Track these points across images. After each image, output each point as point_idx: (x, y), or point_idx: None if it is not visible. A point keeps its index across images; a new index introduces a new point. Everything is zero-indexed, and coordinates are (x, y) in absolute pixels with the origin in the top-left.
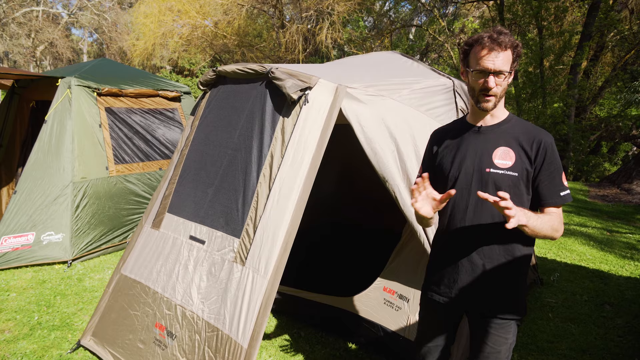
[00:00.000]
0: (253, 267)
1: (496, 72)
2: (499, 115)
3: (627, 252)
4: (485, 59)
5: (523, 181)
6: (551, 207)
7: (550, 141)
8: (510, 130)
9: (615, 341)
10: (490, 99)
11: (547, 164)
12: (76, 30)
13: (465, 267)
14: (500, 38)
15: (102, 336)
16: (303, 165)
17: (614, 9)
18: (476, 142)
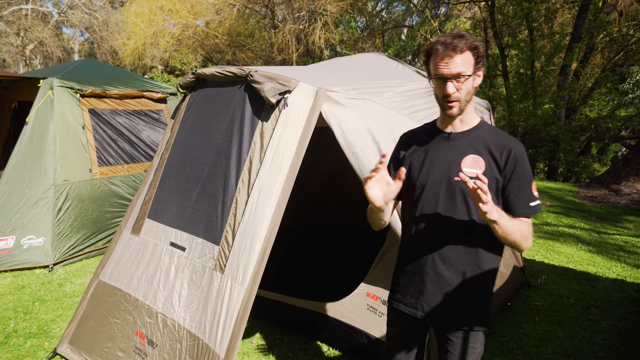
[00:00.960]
0: (231, 275)
1: (454, 76)
2: (470, 122)
3: (615, 254)
4: (440, 65)
5: (492, 190)
6: (521, 218)
7: (521, 150)
8: (480, 137)
9: (601, 344)
10: (454, 105)
11: (517, 173)
12: (67, 29)
13: (432, 278)
14: (454, 42)
15: (80, 344)
16: (282, 170)
17: (603, 11)
18: (445, 149)
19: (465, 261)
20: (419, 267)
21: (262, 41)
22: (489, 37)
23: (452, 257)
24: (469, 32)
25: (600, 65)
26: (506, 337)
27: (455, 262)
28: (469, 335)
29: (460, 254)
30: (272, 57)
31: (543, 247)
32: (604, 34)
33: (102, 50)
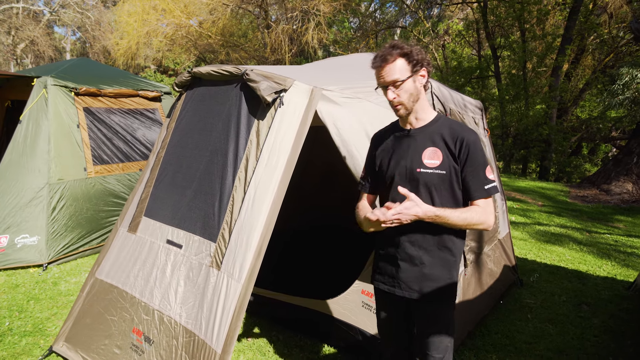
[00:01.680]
0: (228, 271)
1: (390, 84)
2: (425, 118)
3: (605, 253)
4: (377, 77)
5: (452, 178)
6: (478, 200)
7: (473, 139)
8: (437, 130)
9: (592, 341)
10: (399, 108)
11: (471, 160)
12: (59, 29)
13: (403, 258)
14: (384, 54)
15: (76, 342)
16: (278, 168)
17: (594, 13)
18: (407, 144)
19: (430, 242)
20: (392, 249)
21: (255, 41)
22: (482, 38)
23: (420, 239)
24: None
25: (590, 66)
26: (499, 334)
27: (422, 243)
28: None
29: (426, 236)
30: (266, 57)
31: (535, 246)
32: (595, 36)
33: (94, 49)
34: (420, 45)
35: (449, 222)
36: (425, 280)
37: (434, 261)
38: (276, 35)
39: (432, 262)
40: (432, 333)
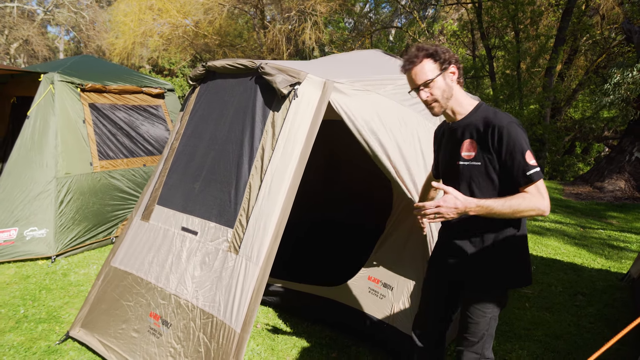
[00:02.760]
0: (246, 255)
1: (421, 85)
2: (462, 112)
3: (599, 247)
4: (409, 81)
5: (489, 168)
6: (524, 187)
7: (505, 124)
8: (473, 122)
9: (587, 327)
10: (433, 106)
11: (506, 146)
12: (52, 28)
13: (456, 244)
14: (411, 57)
15: (93, 327)
16: (293, 157)
17: (586, 14)
18: (450, 138)
19: (483, 231)
20: (448, 240)
21: (252, 41)
22: (476, 39)
23: (473, 229)
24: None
25: (583, 67)
26: (499, 320)
27: (475, 232)
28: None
29: (479, 226)
30: (262, 58)
31: (531, 240)
32: (587, 37)
33: (89, 49)
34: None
35: (494, 211)
36: (474, 266)
37: (485, 248)
38: (273, 35)
39: (482, 249)
40: (474, 318)
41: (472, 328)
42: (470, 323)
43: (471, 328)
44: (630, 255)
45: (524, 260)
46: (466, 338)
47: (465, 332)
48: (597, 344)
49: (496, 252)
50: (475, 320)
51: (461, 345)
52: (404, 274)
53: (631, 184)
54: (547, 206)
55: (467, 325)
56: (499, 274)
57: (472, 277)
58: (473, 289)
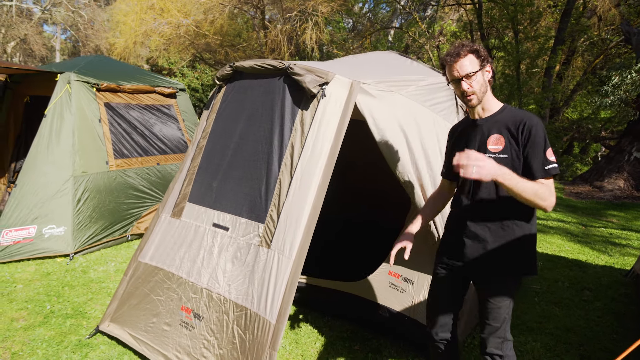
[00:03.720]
0: (278, 249)
1: (464, 76)
2: (491, 109)
3: (602, 244)
4: (452, 71)
5: (515, 161)
6: (540, 180)
7: (535, 122)
8: (501, 119)
9: (596, 321)
10: (472, 98)
11: (532, 141)
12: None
13: (469, 235)
14: (457, 50)
15: (123, 321)
16: (322, 154)
17: (584, 16)
18: (475, 133)
19: (497, 223)
20: (460, 231)
21: (252, 41)
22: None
23: (486, 221)
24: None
25: (581, 67)
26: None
27: (489, 224)
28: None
29: (492, 218)
30: (264, 58)
31: None
32: (585, 38)
33: (86, 49)
34: (416, 45)
35: (517, 186)
36: (488, 255)
37: (497, 240)
38: (275, 35)
39: (495, 241)
40: (490, 304)
41: (494, 314)
42: (492, 309)
43: (493, 314)
44: (632, 252)
45: (535, 250)
46: (489, 324)
47: (487, 319)
48: (606, 336)
49: (515, 240)
50: (498, 305)
51: (484, 333)
52: (424, 268)
53: (630, 183)
54: (553, 203)
55: (489, 312)
56: (517, 261)
57: (492, 264)
58: (493, 275)
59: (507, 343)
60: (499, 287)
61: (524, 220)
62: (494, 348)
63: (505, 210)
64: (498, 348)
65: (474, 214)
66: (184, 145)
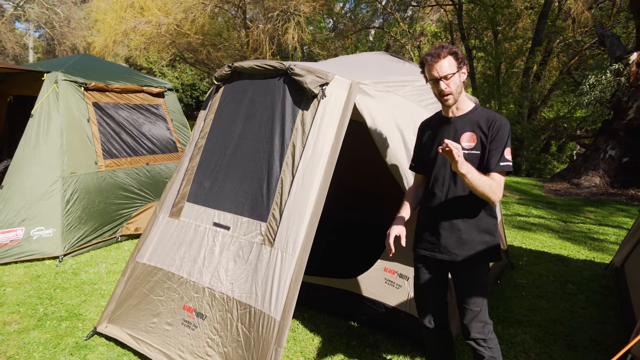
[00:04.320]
0: (281, 247)
1: (442, 77)
2: (464, 108)
3: (581, 239)
4: (431, 71)
5: (484, 157)
6: (493, 173)
7: (504, 122)
8: (474, 118)
9: (580, 313)
10: (448, 97)
11: (496, 139)
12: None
13: (444, 227)
14: (437, 51)
15: (122, 322)
16: (323, 153)
17: (560, 18)
18: (449, 130)
19: (468, 212)
20: (434, 220)
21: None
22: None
23: (459, 210)
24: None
25: (557, 68)
26: (500, 308)
27: (461, 214)
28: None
29: (464, 208)
30: (246, 57)
31: (519, 234)
32: (560, 39)
33: (62, 47)
34: (397, 45)
35: (476, 180)
36: (463, 244)
37: (470, 228)
38: (257, 35)
39: (468, 230)
40: (469, 290)
41: (473, 299)
42: (471, 295)
43: (472, 299)
44: (610, 246)
45: (499, 239)
46: (470, 309)
47: (467, 305)
48: (590, 327)
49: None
50: (475, 290)
51: (466, 319)
52: None
53: (605, 180)
54: (500, 197)
55: (468, 298)
56: (487, 248)
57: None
58: (469, 262)
59: (488, 326)
60: (474, 273)
61: (491, 212)
62: (477, 333)
63: (475, 202)
64: (481, 332)
65: (448, 206)
66: (172, 145)
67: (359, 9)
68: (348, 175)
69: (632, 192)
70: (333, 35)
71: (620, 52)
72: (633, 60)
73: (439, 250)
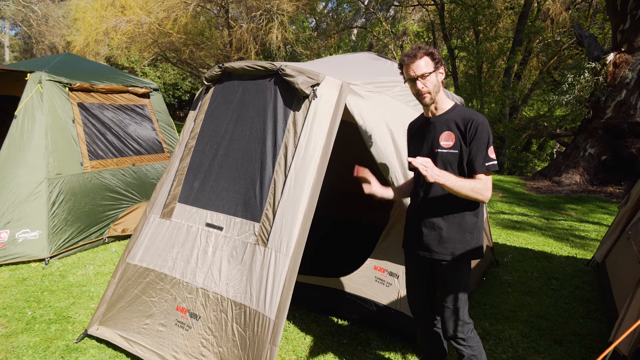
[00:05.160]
0: (275, 247)
1: (419, 76)
2: (443, 107)
3: (564, 236)
4: (408, 71)
5: (463, 156)
6: (479, 174)
7: (481, 120)
8: (452, 117)
9: (564, 308)
10: (425, 96)
11: (476, 138)
12: None
13: (427, 225)
14: (413, 52)
15: (114, 324)
16: (315, 153)
17: (539, 18)
18: (429, 129)
19: (448, 212)
20: (418, 219)
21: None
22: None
23: (440, 210)
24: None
25: (536, 67)
26: (487, 305)
27: (441, 213)
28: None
29: (445, 207)
30: (229, 57)
31: (503, 232)
32: (540, 39)
33: (40, 46)
34: (380, 45)
35: (456, 186)
36: (442, 242)
37: (450, 226)
38: (241, 34)
39: (448, 228)
40: (447, 288)
41: (451, 296)
42: (450, 292)
43: (450, 297)
44: (591, 243)
45: (481, 237)
46: (448, 307)
47: (445, 302)
48: (575, 321)
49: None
50: (454, 288)
51: (444, 316)
52: None
53: (585, 178)
54: (488, 196)
55: (446, 295)
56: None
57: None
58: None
59: (467, 325)
60: (453, 271)
61: (472, 210)
62: (455, 331)
63: (456, 202)
64: (459, 331)
65: (428, 205)
66: (158, 146)
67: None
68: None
69: (611, 189)
70: (316, 34)
71: (597, 53)
72: (610, 61)
73: (421, 247)
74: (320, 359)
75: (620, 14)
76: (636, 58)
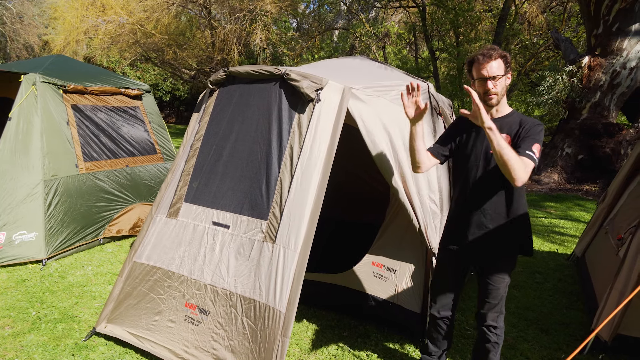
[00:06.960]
0: (283, 244)
1: (491, 77)
2: (503, 111)
3: (545, 233)
4: (480, 69)
5: None
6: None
7: (536, 123)
8: (510, 121)
9: (548, 299)
10: (492, 97)
11: (529, 134)
12: None
13: (473, 225)
14: (489, 52)
15: (122, 321)
16: (320, 154)
17: (517, 21)
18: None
19: (498, 212)
20: (464, 218)
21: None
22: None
23: (489, 209)
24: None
25: (515, 69)
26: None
27: (491, 213)
28: (500, 268)
29: (495, 207)
30: (212, 57)
31: None
32: (517, 41)
33: (15, 44)
34: (362, 46)
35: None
36: (490, 240)
37: (496, 225)
38: (224, 35)
39: (494, 226)
40: (492, 285)
41: (494, 293)
42: (492, 289)
43: (493, 293)
44: (570, 239)
45: (530, 232)
46: (489, 302)
47: (487, 298)
48: (558, 312)
49: (511, 224)
50: (497, 286)
51: (484, 309)
52: (405, 258)
53: (563, 177)
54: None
55: (489, 292)
56: (514, 243)
57: (492, 247)
58: (494, 258)
59: (501, 316)
60: (498, 269)
61: (519, 207)
62: (491, 320)
63: (504, 199)
64: (494, 320)
65: (475, 203)
66: (151, 147)
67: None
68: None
69: (587, 187)
70: (298, 35)
71: (573, 56)
72: (585, 64)
73: (465, 245)
74: (322, 351)
75: (594, 19)
76: (609, 62)
